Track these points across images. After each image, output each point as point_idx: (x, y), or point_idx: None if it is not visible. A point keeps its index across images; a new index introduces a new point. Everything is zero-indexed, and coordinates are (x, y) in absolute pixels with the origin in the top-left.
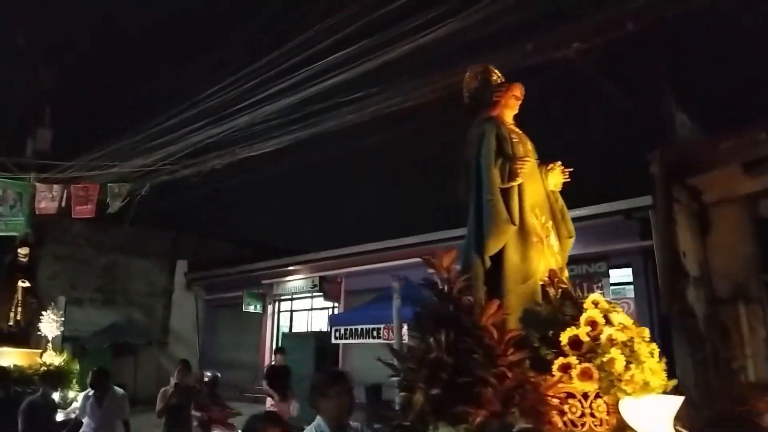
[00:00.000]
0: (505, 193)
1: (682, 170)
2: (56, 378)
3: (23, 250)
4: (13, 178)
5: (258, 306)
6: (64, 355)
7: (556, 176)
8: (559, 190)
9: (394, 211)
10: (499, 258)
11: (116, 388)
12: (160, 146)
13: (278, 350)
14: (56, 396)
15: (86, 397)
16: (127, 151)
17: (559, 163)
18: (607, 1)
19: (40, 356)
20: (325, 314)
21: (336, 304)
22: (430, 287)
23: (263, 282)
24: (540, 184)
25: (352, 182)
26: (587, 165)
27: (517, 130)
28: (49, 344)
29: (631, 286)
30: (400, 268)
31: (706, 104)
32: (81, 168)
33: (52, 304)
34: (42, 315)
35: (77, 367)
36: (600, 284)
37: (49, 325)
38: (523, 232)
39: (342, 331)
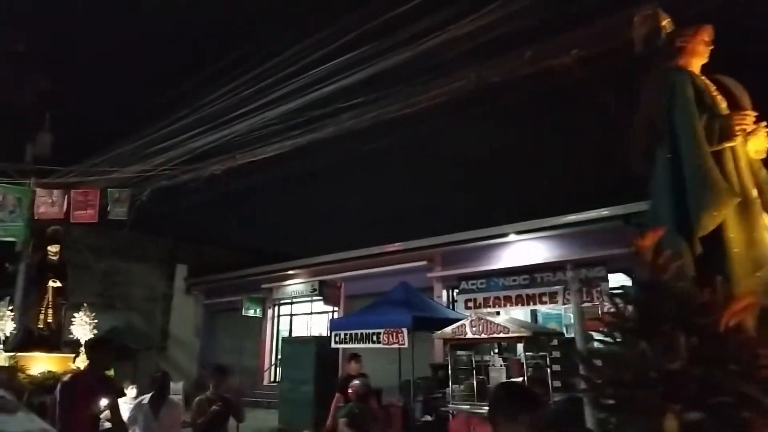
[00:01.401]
0: (716, 158)
1: None
2: None
3: (53, 248)
4: (13, 183)
5: (258, 310)
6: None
7: (760, 141)
8: (762, 158)
9: (392, 215)
10: (714, 240)
11: (170, 396)
12: (160, 152)
13: (353, 357)
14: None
15: (139, 406)
16: (128, 156)
17: (765, 124)
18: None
19: (73, 361)
20: (326, 318)
21: (336, 309)
22: (633, 276)
23: (263, 286)
24: (744, 149)
25: (351, 187)
26: (586, 169)
27: (711, 82)
28: (81, 349)
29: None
30: (399, 273)
31: None
32: (81, 173)
33: (84, 305)
34: (74, 317)
35: (113, 372)
36: (599, 289)
37: (81, 327)
38: (745, 207)
39: (342, 336)
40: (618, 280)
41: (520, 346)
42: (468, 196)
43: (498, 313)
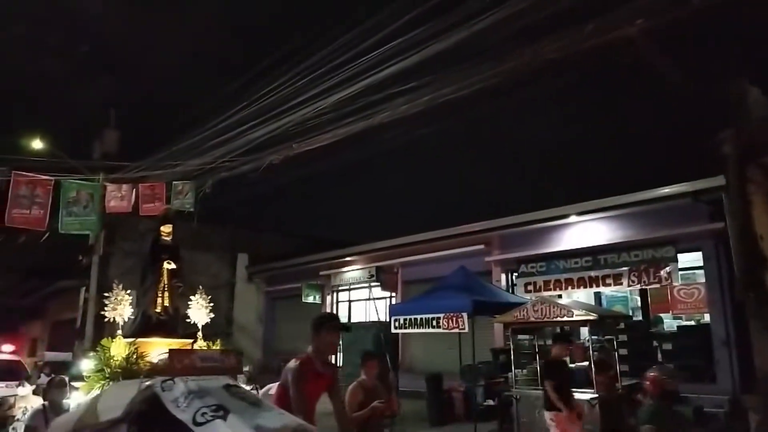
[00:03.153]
0: None
1: (757, 149)
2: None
3: (166, 228)
4: (85, 179)
5: (317, 297)
6: (218, 344)
7: None
8: None
9: (449, 198)
10: None
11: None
12: (220, 144)
13: (558, 337)
14: None
15: (266, 396)
16: (189, 150)
17: None
18: None
19: (191, 346)
20: (383, 304)
21: (393, 294)
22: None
23: (321, 273)
24: None
25: (407, 172)
26: (653, 146)
27: None
28: (200, 334)
29: (702, 271)
30: (456, 257)
31: None
32: (147, 168)
33: (200, 287)
34: (190, 300)
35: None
36: (668, 269)
37: (199, 311)
38: None
39: (401, 321)
40: (689, 259)
41: (583, 331)
42: (526, 177)
43: (560, 296)
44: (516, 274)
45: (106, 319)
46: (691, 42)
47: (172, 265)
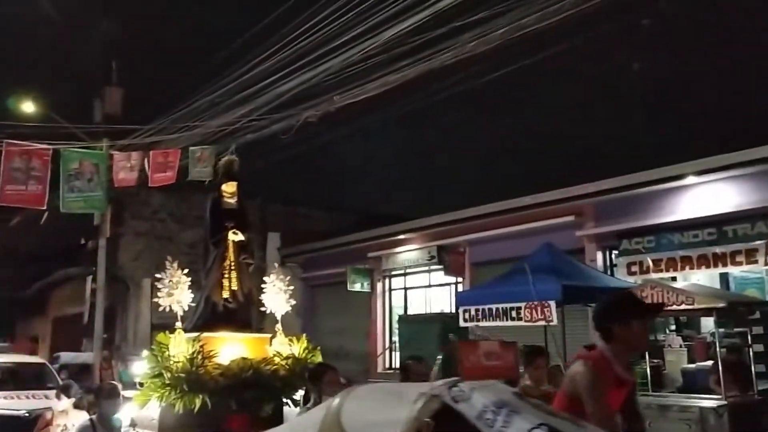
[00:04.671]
0: None
1: None
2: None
3: (229, 187)
4: (88, 147)
5: (365, 284)
6: (303, 342)
7: None
8: None
9: (528, 159)
10: None
11: None
12: (244, 101)
13: (534, 352)
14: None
15: None
16: (207, 108)
17: None
18: None
19: (270, 342)
20: (447, 291)
21: (460, 279)
22: None
23: (369, 255)
24: None
25: (473, 129)
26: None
27: None
28: (278, 326)
29: None
30: (538, 232)
31: None
32: (159, 131)
33: (275, 266)
34: (264, 282)
35: (319, 357)
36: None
37: (276, 296)
38: None
39: (472, 312)
40: None
41: (706, 322)
42: (628, 126)
43: (674, 278)
44: (616, 251)
45: (160, 308)
46: None
47: (240, 236)
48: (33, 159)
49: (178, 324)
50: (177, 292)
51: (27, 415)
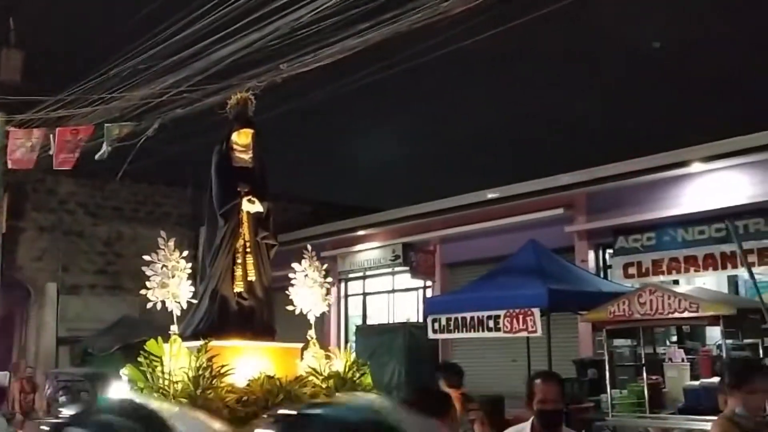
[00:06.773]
0: None
1: None
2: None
3: (243, 138)
4: None
5: None
6: (348, 356)
7: None
8: None
9: (510, 143)
10: None
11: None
12: (173, 67)
13: (449, 369)
14: None
15: None
16: (128, 76)
17: None
18: None
19: (301, 356)
20: (414, 297)
21: (429, 283)
22: None
23: (323, 254)
24: None
25: (446, 105)
26: None
27: None
28: (311, 332)
29: None
30: (522, 228)
31: None
32: (68, 104)
33: (308, 247)
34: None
35: (369, 379)
36: None
37: (310, 290)
38: None
39: (443, 322)
40: None
41: (712, 332)
42: (627, 108)
43: (676, 282)
44: (611, 250)
45: (149, 305)
46: None
47: (257, 207)
48: None
49: (174, 328)
50: (173, 283)
51: None
